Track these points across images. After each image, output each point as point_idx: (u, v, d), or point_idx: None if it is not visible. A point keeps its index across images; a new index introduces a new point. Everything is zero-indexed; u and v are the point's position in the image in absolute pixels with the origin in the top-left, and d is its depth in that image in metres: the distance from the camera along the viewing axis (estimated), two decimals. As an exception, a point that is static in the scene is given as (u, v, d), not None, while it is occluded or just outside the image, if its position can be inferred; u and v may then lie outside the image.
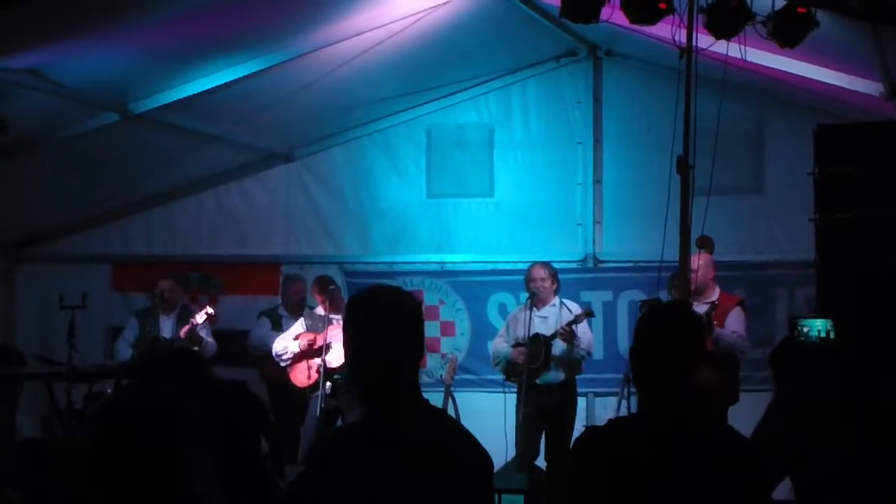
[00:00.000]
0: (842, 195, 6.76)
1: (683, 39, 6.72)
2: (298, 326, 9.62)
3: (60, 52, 7.13)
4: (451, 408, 9.14)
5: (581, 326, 8.76)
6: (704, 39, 6.88)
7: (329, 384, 9.05)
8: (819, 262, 6.80)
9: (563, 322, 8.72)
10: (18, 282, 11.05)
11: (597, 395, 10.07)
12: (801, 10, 6.68)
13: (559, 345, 8.73)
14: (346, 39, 8.21)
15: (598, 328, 9.77)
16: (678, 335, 3.33)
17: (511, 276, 10.03)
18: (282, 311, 10.21)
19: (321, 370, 9.11)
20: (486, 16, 8.63)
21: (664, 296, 8.31)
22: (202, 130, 9.54)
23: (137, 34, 7.13)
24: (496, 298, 10.40)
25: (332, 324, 9.11)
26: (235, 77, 8.26)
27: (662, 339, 3.32)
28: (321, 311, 9.52)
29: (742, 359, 8.31)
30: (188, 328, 9.56)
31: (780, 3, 6.74)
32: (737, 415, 7.07)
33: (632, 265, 10.07)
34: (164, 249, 11.03)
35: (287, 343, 9.53)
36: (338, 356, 8.94)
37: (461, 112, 10.62)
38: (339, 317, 8.67)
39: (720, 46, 6.96)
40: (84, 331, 9.48)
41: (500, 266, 10.43)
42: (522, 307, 9.01)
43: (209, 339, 9.78)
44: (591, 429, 3.46)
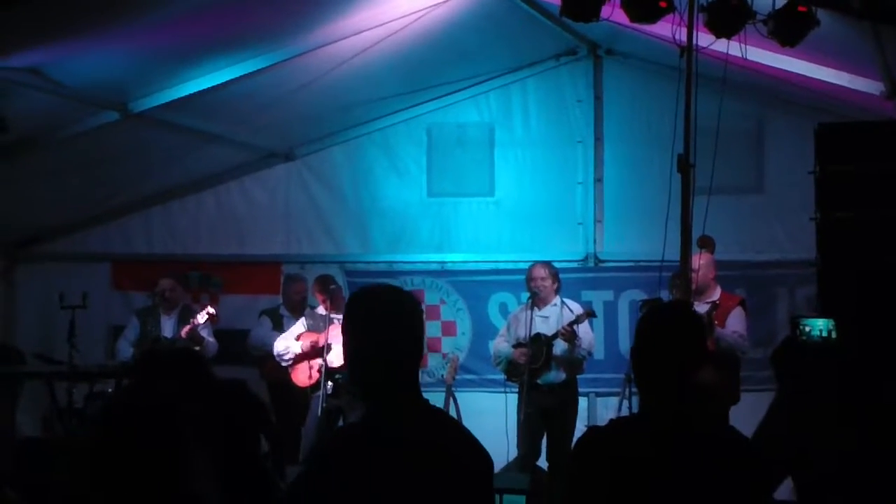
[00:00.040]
0: (842, 194, 6.75)
1: (684, 38, 6.72)
2: (299, 326, 9.61)
3: (61, 52, 7.13)
4: (453, 408, 9.13)
5: (582, 326, 8.75)
6: (705, 38, 6.87)
7: (330, 384, 9.03)
8: (820, 262, 6.80)
9: (565, 322, 8.71)
10: (19, 281, 11.03)
11: (598, 395, 10.05)
12: (802, 9, 6.67)
13: (560, 345, 8.72)
14: (346, 38, 8.20)
15: (599, 328, 9.75)
16: (679, 335, 3.33)
17: (512, 276, 10.02)
18: (283, 311, 10.20)
19: (322, 370, 9.10)
20: (486, 14, 8.62)
21: (665, 295, 8.31)
22: (202, 129, 9.53)
23: (137, 33, 7.12)
24: (497, 298, 10.39)
25: (334, 323, 9.09)
26: (235, 76, 8.25)
27: (663, 339, 3.32)
28: (322, 311, 9.51)
29: (743, 358, 8.29)
30: (189, 328, 9.55)
31: (781, 2, 6.73)
32: (738, 415, 7.06)
33: (633, 264, 10.06)
34: (165, 248, 11.01)
35: (289, 343, 9.52)
36: (339, 356, 8.92)
37: (461, 111, 10.61)
38: (341, 316, 8.64)
39: (721, 45, 6.95)
40: (84, 330, 9.47)
41: (501, 265, 10.42)
42: (523, 307, 9.00)
43: (210, 339, 9.77)
44: (593, 429, 3.46)
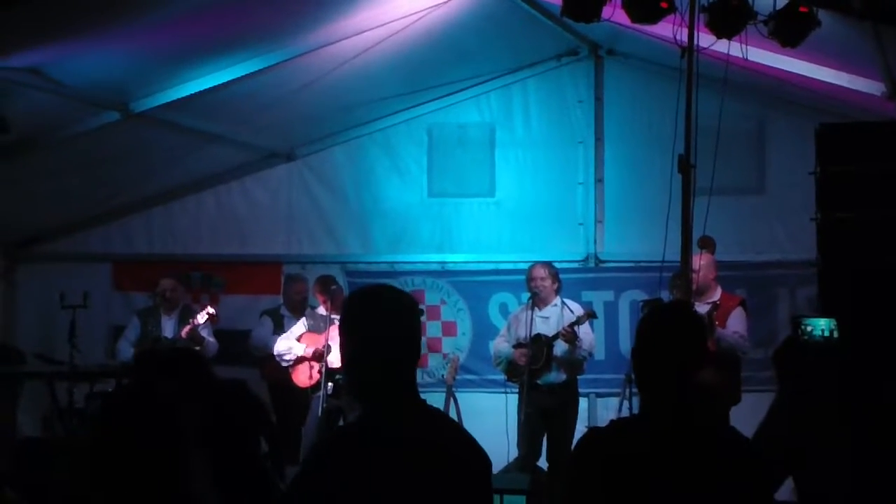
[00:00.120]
0: (843, 195, 6.76)
1: (685, 38, 6.72)
2: (300, 326, 9.60)
3: (61, 52, 7.13)
4: (453, 408, 9.12)
5: (583, 327, 8.74)
6: (706, 38, 6.88)
7: (331, 384, 9.01)
8: (820, 262, 6.80)
9: (565, 322, 8.70)
10: (19, 281, 11.02)
11: (598, 396, 10.05)
12: (803, 10, 6.67)
13: (561, 345, 8.71)
14: (347, 38, 8.20)
15: (600, 328, 9.73)
16: (680, 335, 3.32)
17: (512, 276, 10.01)
18: (284, 311, 10.19)
19: (323, 370, 9.09)
20: (487, 15, 8.62)
21: (665, 296, 8.30)
22: (203, 129, 9.52)
23: (138, 33, 7.12)
24: (497, 298, 10.39)
25: (334, 324, 9.06)
26: (236, 76, 8.25)
27: (664, 340, 3.31)
28: (323, 311, 9.51)
29: (744, 359, 8.31)
30: (189, 328, 9.54)
31: (782, 3, 6.73)
32: (739, 415, 7.10)
33: (633, 265, 10.05)
34: (165, 248, 11.00)
35: (291, 344, 9.50)
36: (339, 356, 8.91)
37: (462, 111, 10.60)
38: (341, 316, 8.63)
39: (721, 45, 6.95)
40: (85, 330, 9.47)
41: (502, 266, 10.42)
42: (524, 307, 9.00)
43: (210, 339, 9.76)
44: (593, 430, 3.45)
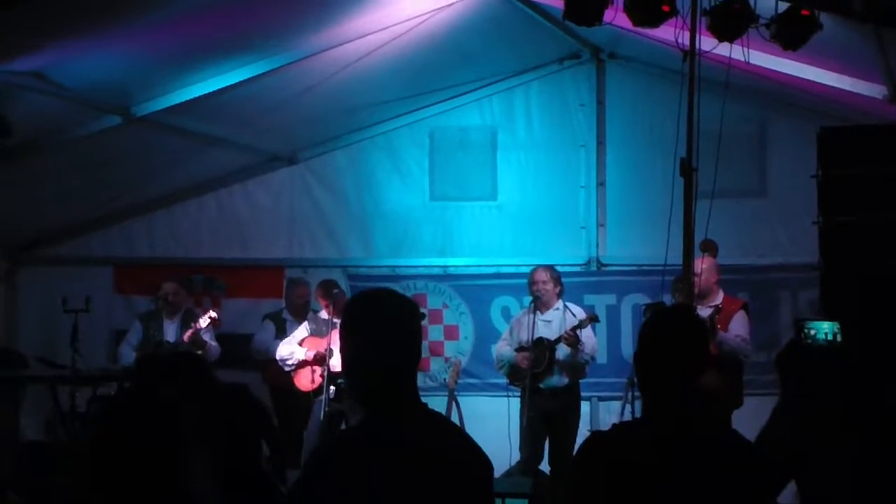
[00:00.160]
0: (845, 198, 6.76)
1: (686, 42, 6.72)
2: (302, 330, 9.59)
3: (64, 55, 7.13)
4: (455, 412, 9.12)
5: (585, 331, 8.73)
6: (707, 42, 6.87)
7: (333, 388, 9.02)
8: (822, 265, 6.80)
9: (567, 326, 8.70)
10: (21, 284, 11.01)
11: (600, 400, 10.03)
12: (805, 13, 6.67)
13: (563, 349, 8.70)
14: (350, 42, 8.21)
15: (602, 332, 9.71)
16: (682, 339, 3.32)
17: (514, 280, 10.01)
18: (286, 315, 10.19)
19: (325, 374, 9.09)
20: (490, 18, 8.62)
21: (668, 300, 8.30)
22: (205, 133, 9.52)
23: (140, 37, 7.13)
24: (499, 302, 10.39)
25: (336, 328, 9.08)
26: (238, 79, 8.25)
27: (667, 344, 3.31)
28: (325, 315, 9.51)
29: (746, 362, 8.30)
30: (192, 332, 9.54)
31: (784, 6, 6.73)
32: (741, 418, 7.09)
33: (635, 269, 10.05)
34: (167, 252, 10.99)
35: (293, 348, 9.50)
36: (340, 360, 8.91)
37: (464, 114, 10.60)
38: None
39: (723, 49, 6.94)
40: (87, 334, 9.46)
41: (504, 269, 10.41)
42: (526, 311, 9.00)
43: (213, 343, 9.76)
44: (596, 434, 3.45)
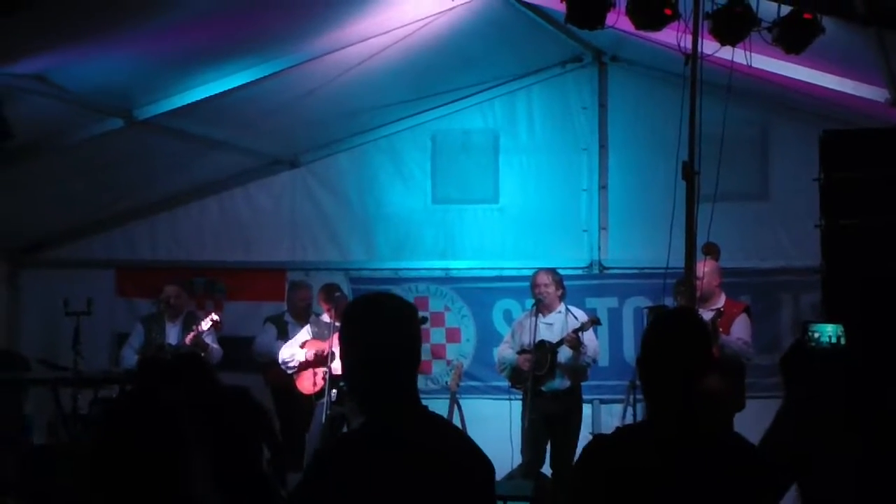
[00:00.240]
0: (847, 201, 6.74)
1: (689, 45, 6.72)
2: (304, 333, 9.60)
3: (66, 58, 7.13)
4: (457, 415, 9.12)
5: (587, 334, 8.73)
6: (710, 45, 6.87)
7: (334, 391, 9.02)
8: (825, 268, 6.79)
9: (569, 329, 8.69)
10: (23, 287, 11.03)
11: (602, 402, 10.03)
12: (807, 16, 6.67)
13: (565, 352, 8.71)
14: (352, 45, 8.21)
15: (604, 335, 9.70)
16: (686, 342, 3.32)
17: (516, 283, 10.02)
18: (287, 318, 10.20)
19: (327, 377, 9.09)
20: (492, 21, 8.63)
21: (669, 302, 8.29)
22: (207, 136, 9.53)
23: (142, 40, 7.13)
24: (501, 305, 10.39)
25: (338, 331, 9.07)
26: (240, 83, 8.25)
27: (670, 347, 3.30)
28: (327, 319, 9.52)
29: (748, 365, 8.29)
30: (193, 335, 9.55)
31: (786, 10, 6.73)
32: (743, 421, 7.09)
33: (637, 272, 10.05)
34: (169, 255, 11.01)
35: (294, 351, 9.52)
36: (340, 364, 8.91)
37: (466, 118, 10.61)
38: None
39: (725, 52, 6.94)
40: (89, 337, 9.47)
41: (506, 272, 10.41)
42: (528, 313, 9.00)
43: (214, 346, 9.77)
44: (598, 437, 3.45)
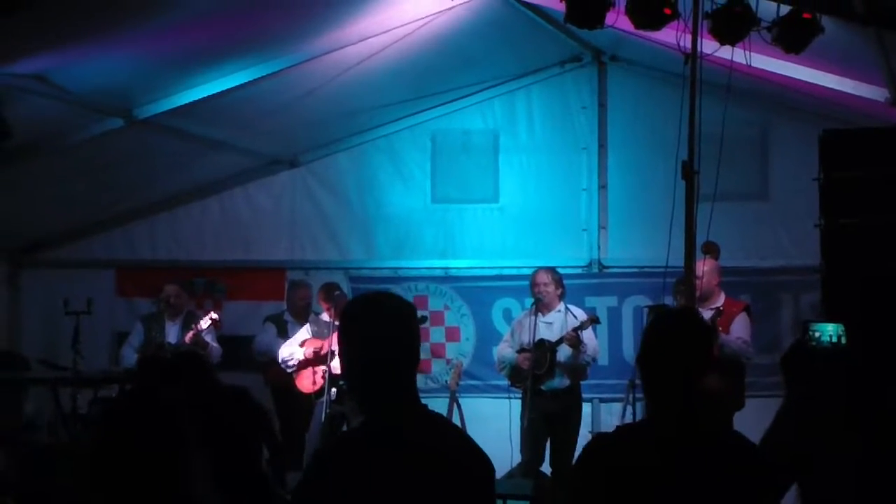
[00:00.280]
0: (847, 200, 6.74)
1: (688, 45, 6.72)
2: (304, 332, 9.61)
3: (66, 58, 7.13)
4: (457, 413, 9.12)
5: (586, 333, 8.74)
6: (709, 45, 6.87)
7: (334, 390, 9.02)
8: (824, 268, 6.79)
9: (569, 328, 8.69)
10: (23, 287, 11.02)
11: (602, 401, 10.04)
12: (806, 16, 6.67)
13: (564, 351, 8.71)
14: (351, 45, 8.21)
15: (603, 334, 9.71)
16: (687, 342, 3.32)
17: (516, 282, 10.03)
18: (287, 317, 10.20)
19: (326, 376, 9.10)
20: (491, 21, 8.63)
21: (669, 301, 8.30)
22: (207, 136, 9.53)
23: (142, 39, 7.13)
24: (501, 304, 10.40)
25: (337, 330, 9.07)
26: (240, 82, 8.25)
27: (671, 346, 3.31)
28: (326, 318, 9.52)
29: (747, 365, 8.29)
30: (193, 333, 9.56)
31: (785, 9, 6.73)
32: (743, 420, 7.09)
33: (637, 271, 10.06)
34: (169, 255, 11.01)
35: (293, 350, 9.53)
36: (340, 363, 8.91)
37: (466, 117, 10.62)
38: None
39: (725, 52, 6.94)
40: (89, 336, 9.47)
41: (505, 271, 10.42)
42: (527, 312, 9.00)
43: (214, 345, 9.78)
44: (599, 436, 3.45)
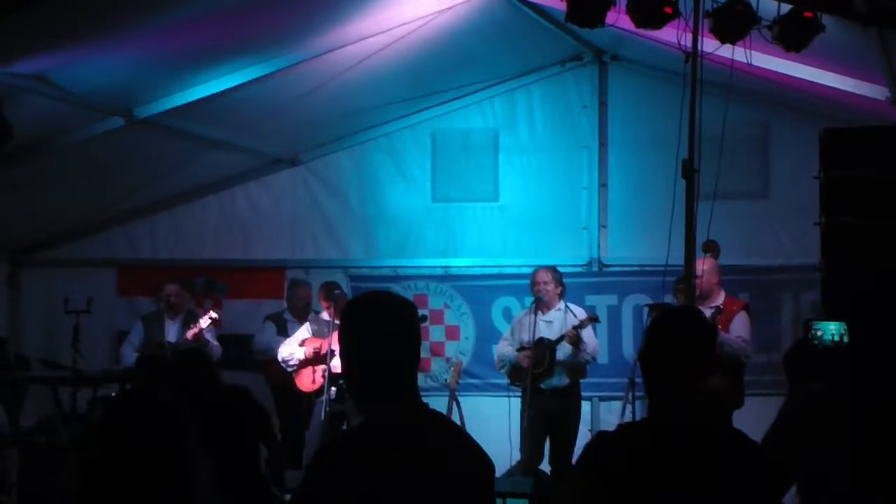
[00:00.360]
0: (848, 199, 6.73)
1: (689, 44, 6.72)
2: (304, 331, 9.61)
3: (66, 58, 7.13)
4: (456, 412, 9.12)
5: (586, 332, 8.74)
6: (710, 44, 6.87)
7: (334, 389, 9.02)
8: (825, 266, 6.78)
9: (569, 326, 8.70)
10: (24, 286, 11.02)
11: (601, 400, 10.05)
12: (807, 15, 6.67)
13: (564, 349, 8.71)
14: (352, 44, 8.21)
15: (603, 332, 9.71)
16: (690, 340, 3.32)
17: (516, 281, 10.03)
18: (287, 316, 10.20)
19: (326, 375, 9.10)
20: (492, 20, 8.63)
21: (669, 300, 8.30)
22: (207, 135, 9.52)
23: (142, 39, 7.13)
24: (501, 303, 10.40)
25: (338, 329, 9.06)
26: (240, 81, 8.25)
27: (674, 344, 3.30)
28: (326, 317, 9.52)
29: (747, 363, 8.29)
30: (195, 332, 9.57)
31: (786, 8, 6.73)
32: (742, 419, 7.08)
33: (637, 269, 10.06)
34: (170, 254, 11.01)
35: (293, 349, 9.53)
36: (340, 362, 8.91)
37: (466, 116, 10.61)
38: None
39: (726, 51, 6.95)
40: (89, 335, 9.48)
41: (505, 270, 10.42)
42: (527, 311, 9.01)
43: (214, 343, 9.79)
44: (601, 434, 3.44)
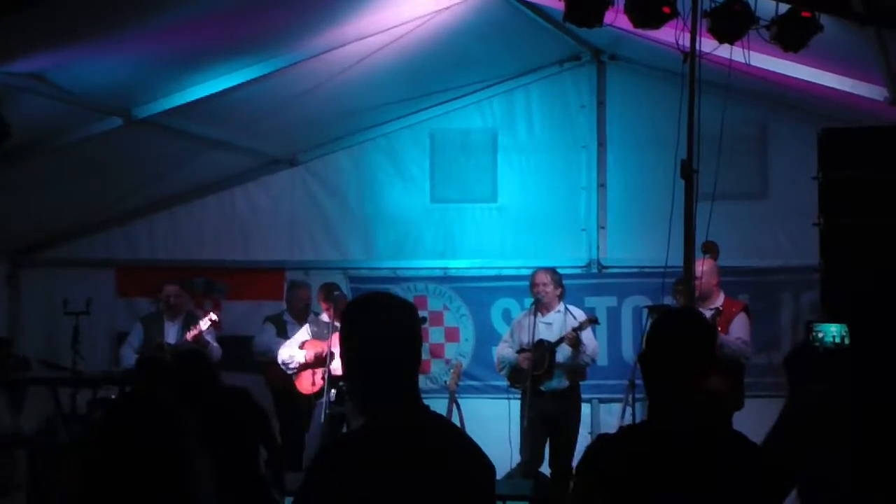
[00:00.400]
0: (846, 199, 6.73)
1: (687, 44, 6.72)
2: (304, 333, 9.60)
3: (64, 57, 7.13)
4: (456, 414, 9.11)
5: (585, 333, 8.73)
6: (708, 44, 6.87)
7: (334, 391, 9.02)
8: (823, 267, 6.78)
9: (568, 328, 8.69)
10: (23, 287, 11.01)
11: (601, 402, 10.03)
12: (805, 15, 6.67)
13: (563, 351, 8.70)
14: (350, 44, 8.21)
15: (602, 334, 9.70)
16: (690, 342, 3.31)
17: (515, 282, 10.03)
18: (287, 317, 10.20)
19: (326, 377, 9.09)
20: (490, 20, 8.63)
21: (668, 301, 8.29)
22: (206, 135, 9.52)
23: (141, 39, 7.13)
24: (500, 304, 10.39)
25: (337, 331, 9.07)
26: (239, 81, 8.25)
27: (675, 346, 3.30)
28: (326, 318, 9.51)
29: (747, 365, 8.29)
30: (195, 333, 9.56)
31: (784, 8, 6.73)
32: (742, 421, 7.08)
33: (636, 270, 10.05)
34: (169, 255, 11.00)
35: (293, 352, 9.51)
36: (341, 364, 8.90)
37: (465, 116, 10.61)
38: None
39: (724, 51, 6.95)
40: (88, 336, 9.47)
41: (504, 271, 10.42)
42: (527, 312, 9.00)
43: (214, 344, 9.79)
44: (602, 436, 3.44)
